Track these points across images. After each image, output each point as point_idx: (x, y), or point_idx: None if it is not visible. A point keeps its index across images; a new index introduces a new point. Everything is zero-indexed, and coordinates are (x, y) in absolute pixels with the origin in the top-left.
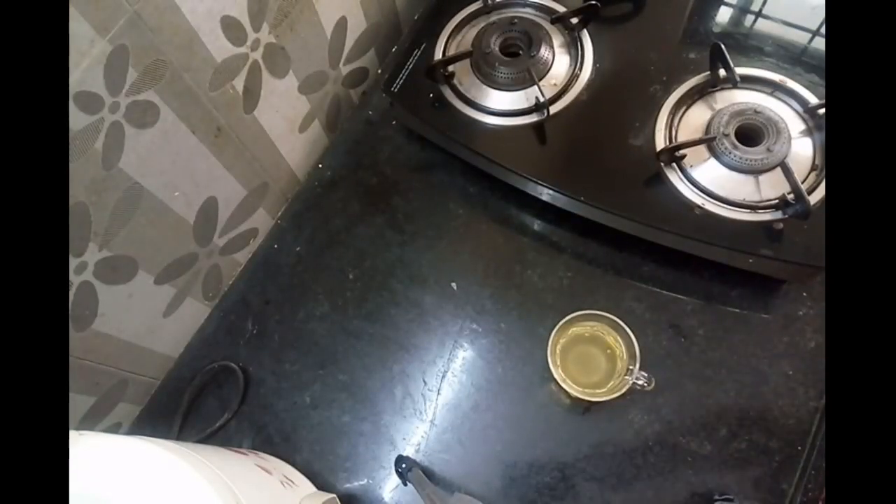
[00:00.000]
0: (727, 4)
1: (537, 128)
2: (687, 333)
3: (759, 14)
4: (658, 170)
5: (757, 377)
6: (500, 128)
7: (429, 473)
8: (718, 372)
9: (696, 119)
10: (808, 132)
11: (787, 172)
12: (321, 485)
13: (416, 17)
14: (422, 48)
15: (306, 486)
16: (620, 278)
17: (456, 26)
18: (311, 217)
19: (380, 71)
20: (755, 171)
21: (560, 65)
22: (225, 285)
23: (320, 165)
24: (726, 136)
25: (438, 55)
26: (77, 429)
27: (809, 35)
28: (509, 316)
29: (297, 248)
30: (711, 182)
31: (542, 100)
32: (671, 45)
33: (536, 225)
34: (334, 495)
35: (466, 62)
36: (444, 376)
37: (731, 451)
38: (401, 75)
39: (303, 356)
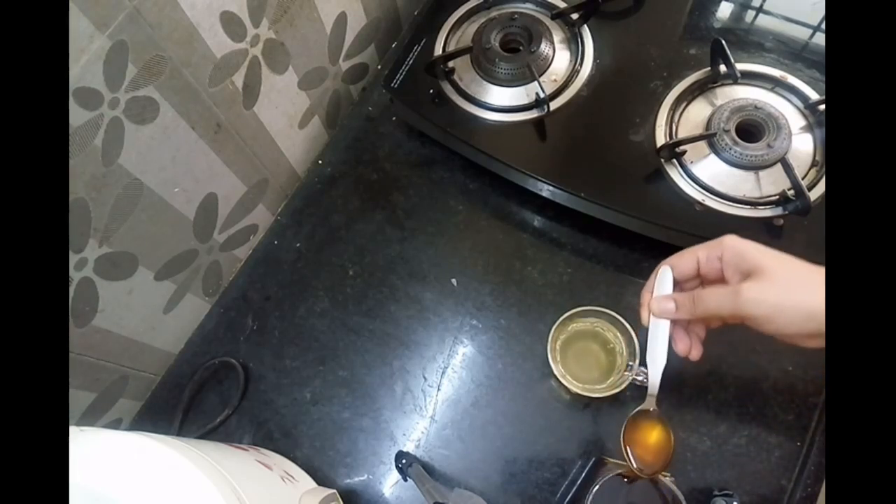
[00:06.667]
0: (728, 0)
1: (537, 124)
2: None
3: (759, 10)
4: (658, 166)
5: (756, 373)
6: (500, 124)
7: (429, 469)
8: (718, 368)
9: (696, 115)
10: (809, 128)
11: (788, 168)
12: (321, 480)
13: (416, 13)
14: (422, 44)
15: (306, 481)
16: (620, 274)
17: (456, 22)
18: (310, 213)
19: (380, 67)
20: (755, 168)
21: (560, 61)
22: (225, 281)
23: (320, 162)
24: (727, 132)
25: (438, 51)
26: (77, 424)
27: (810, 31)
28: (509, 312)
29: (297, 245)
30: (712, 178)
31: (542, 96)
32: (672, 41)
33: (536, 221)
34: (334, 491)
35: (466, 58)
36: (444, 372)
37: (731, 447)
38: (401, 71)
39: (303, 352)
